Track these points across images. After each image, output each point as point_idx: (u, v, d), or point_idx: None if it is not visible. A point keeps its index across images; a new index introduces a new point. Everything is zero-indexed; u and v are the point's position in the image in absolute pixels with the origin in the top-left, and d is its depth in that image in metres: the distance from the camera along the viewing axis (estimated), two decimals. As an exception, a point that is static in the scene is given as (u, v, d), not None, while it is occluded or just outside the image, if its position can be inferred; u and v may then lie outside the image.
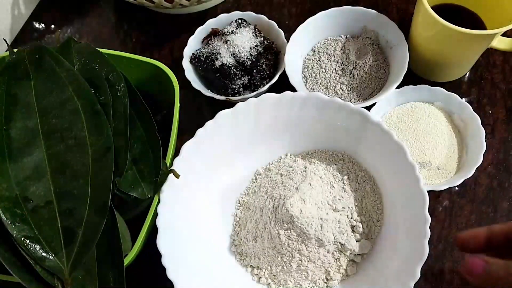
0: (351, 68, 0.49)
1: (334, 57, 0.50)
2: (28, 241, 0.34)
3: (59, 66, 0.39)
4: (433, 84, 0.48)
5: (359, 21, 0.52)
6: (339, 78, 0.49)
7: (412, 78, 0.50)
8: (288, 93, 0.43)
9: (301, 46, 0.51)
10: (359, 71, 0.49)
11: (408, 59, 0.47)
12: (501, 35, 0.44)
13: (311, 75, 0.51)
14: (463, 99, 0.48)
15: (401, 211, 0.40)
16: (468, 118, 0.46)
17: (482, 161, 0.43)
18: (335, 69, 0.50)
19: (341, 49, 0.51)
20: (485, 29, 0.46)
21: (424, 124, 0.46)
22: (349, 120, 0.42)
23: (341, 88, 0.49)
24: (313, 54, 0.52)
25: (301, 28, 0.51)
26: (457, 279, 0.42)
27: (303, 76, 0.51)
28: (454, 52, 0.46)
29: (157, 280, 0.39)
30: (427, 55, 0.48)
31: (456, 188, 0.46)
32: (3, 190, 0.35)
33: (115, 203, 0.36)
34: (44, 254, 0.34)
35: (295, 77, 0.49)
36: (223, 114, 0.43)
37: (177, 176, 0.40)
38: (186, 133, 0.50)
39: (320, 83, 0.50)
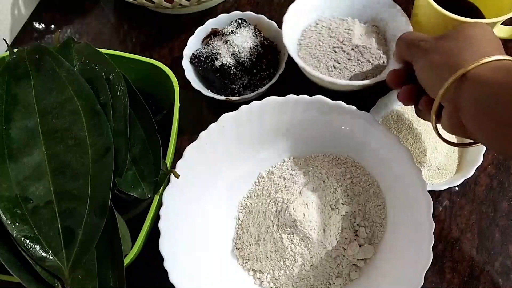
0: (350, 49, 0.47)
1: (336, 34, 0.48)
2: (28, 241, 0.34)
3: (59, 66, 0.39)
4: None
5: (371, 8, 0.50)
6: (334, 55, 0.47)
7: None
8: (292, 96, 0.43)
9: (305, 12, 0.50)
10: (357, 54, 0.47)
11: None
12: (500, 24, 0.44)
13: (307, 44, 0.48)
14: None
15: (405, 216, 0.40)
16: (468, 118, 0.45)
17: (482, 161, 0.43)
18: (333, 46, 0.48)
19: (346, 29, 0.49)
20: (483, 19, 0.46)
21: (424, 124, 0.46)
22: (354, 124, 0.42)
23: (333, 66, 0.47)
24: (315, 26, 0.50)
25: None
26: (456, 278, 0.42)
27: (299, 44, 0.49)
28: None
29: (157, 280, 0.39)
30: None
31: (456, 188, 0.46)
32: (3, 190, 0.35)
33: (115, 203, 0.36)
34: (44, 254, 0.34)
35: (290, 43, 0.47)
36: (226, 117, 0.43)
37: (177, 176, 0.40)
38: (186, 133, 0.50)
39: (313, 55, 0.48)
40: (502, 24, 0.45)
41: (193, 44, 0.52)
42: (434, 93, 0.34)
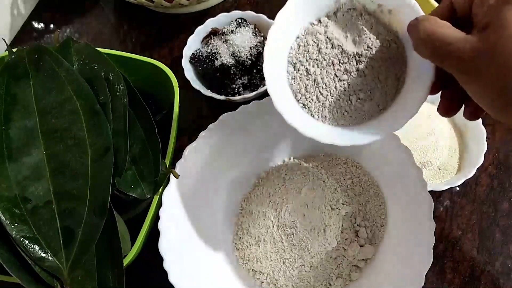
0: (355, 64, 0.34)
1: (325, 59, 0.34)
2: (27, 242, 0.34)
3: (58, 66, 0.39)
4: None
5: None
6: (348, 86, 0.34)
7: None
8: None
9: (277, 63, 0.34)
10: (367, 62, 0.33)
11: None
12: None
13: (312, 100, 0.34)
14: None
15: (405, 216, 0.39)
16: (469, 118, 0.45)
17: (483, 161, 0.43)
18: (336, 75, 0.34)
19: (326, 43, 0.34)
20: None
21: (425, 124, 0.46)
22: None
23: (359, 98, 0.34)
24: (295, 69, 0.35)
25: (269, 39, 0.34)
26: (457, 279, 0.42)
27: (303, 106, 0.34)
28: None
29: (157, 280, 0.39)
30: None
31: (457, 188, 0.46)
32: (2, 190, 0.35)
33: (114, 203, 0.35)
34: (43, 255, 0.34)
35: (289, 117, 0.33)
36: (226, 117, 0.42)
37: (176, 176, 0.40)
38: (186, 133, 0.50)
39: (330, 106, 0.34)
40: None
41: (193, 44, 0.52)
42: (500, 118, 0.26)
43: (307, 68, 0.35)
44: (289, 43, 0.35)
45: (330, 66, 0.34)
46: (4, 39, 0.45)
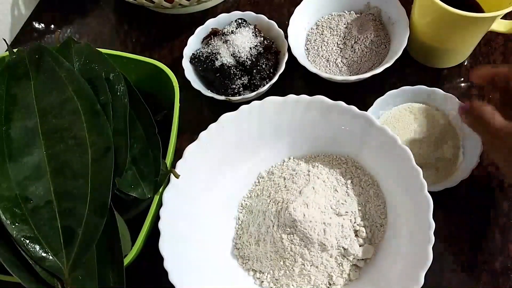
0: (353, 42, 0.51)
1: (337, 31, 0.52)
2: (28, 241, 0.34)
3: (59, 66, 0.39)
4: (431, 84, 0.48)
5: None
6: (340, 51, 0.51)
7: (412, 68, 0.52)
8: (292, 96, 0.43)
9: (304, 20, 0.53)
10: (360, 45, 0.50)
11: (408, 34, 0.48)
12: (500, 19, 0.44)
13: (314, 47, 0.52)
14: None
15: (405, 216, 0.40)
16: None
17: (481, 161, 0.43)
18: (337, 43, 0.51)
19: (344, 24, 0.52)
20: (483, 13, 0.46)
21: (422, 125, 0.46)
22: (353, 124, 0.42)
23: (341, 62, 0.51)
24: (316, 28, 0.53)
25: (306, 1, 0.52)
26: (456, 278, 0.42)
27: (306, 49, 0.53)
28: (454, 37, 0.46)
29: (157, 280, 0.39)
30: (427, 40, 0.48)
31: (456, 188, 0.46)
32: (3, 190, 0.35)
33: (115, 203, 0.36)
34: (44, 254, 0.34)
35: (298, 49, 0.50)
36: (226, 117, 0.43)
37: (176, 176, 0.40)
38: (186, 133, 0.50)
39: (322, 56, 0.51)
40: (501, 18, 0.45)
41: (193, 44, 0.52)
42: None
43: (323, 31, 0.53)
44: (322, 13, 0.53)
45: (337, 36, 0.52)
46: (4, 39, 0.45)
